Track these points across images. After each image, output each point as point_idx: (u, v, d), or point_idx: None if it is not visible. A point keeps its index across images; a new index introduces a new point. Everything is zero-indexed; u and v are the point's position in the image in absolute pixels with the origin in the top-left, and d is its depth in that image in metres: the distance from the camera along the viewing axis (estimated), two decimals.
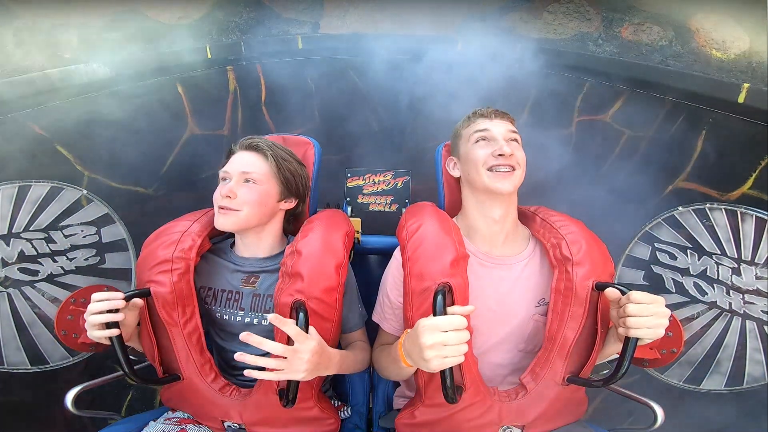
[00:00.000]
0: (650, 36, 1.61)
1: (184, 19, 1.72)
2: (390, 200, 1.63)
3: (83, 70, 1.52)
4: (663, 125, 1.64)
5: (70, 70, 1.50)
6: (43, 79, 1.46)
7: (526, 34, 1.78)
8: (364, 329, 1.11)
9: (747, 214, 1.50)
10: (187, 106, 1.75)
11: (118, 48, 1.62)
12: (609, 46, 1.71)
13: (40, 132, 1.48)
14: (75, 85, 1.51)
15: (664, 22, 1.67)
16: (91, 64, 1.53)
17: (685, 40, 1.63)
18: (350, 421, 1.15)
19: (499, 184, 0.96)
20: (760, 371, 1.52)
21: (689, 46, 1.62)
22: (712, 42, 1.58)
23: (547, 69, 1.73)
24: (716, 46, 1.58)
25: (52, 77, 1.48)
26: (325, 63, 1.81)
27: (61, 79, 1.49)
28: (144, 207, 1.73)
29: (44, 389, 1.54)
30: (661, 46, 1.61)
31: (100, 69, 1.54)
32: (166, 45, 1.68)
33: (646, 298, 0.79)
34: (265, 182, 1.04)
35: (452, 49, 1.76)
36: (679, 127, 1.60)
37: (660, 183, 1.66)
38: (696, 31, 1.61)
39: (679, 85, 1.57)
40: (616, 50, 1.70)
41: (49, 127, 1.50)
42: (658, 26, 1.64)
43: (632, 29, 1.64)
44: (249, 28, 1.80)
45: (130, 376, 0.88)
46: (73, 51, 1.57)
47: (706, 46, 1.57)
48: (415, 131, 1.89)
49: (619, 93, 1.69)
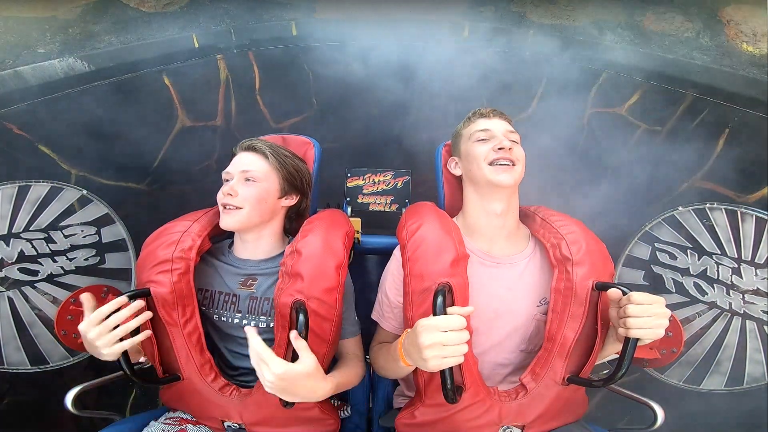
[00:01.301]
0: (673, 26, 1.52)
1: (169, 6, 1.64)
2: (390, 200, 1.63)
3: (58, 66, 1.45)
4: (682, 121, 1.57)
5: (44, 66, 1.44)
6: (15, 78, 1.40)
7: (537, 21, 1.69)
8: (358, 339, 1.09)
9: (747, 214, 1.50)
10: (176, 97, 1.68)
11: (96, 41, 1.55)
12: (629, 36, 1.61)
13: (19, 132, 1.43)
14: (51, 81, 1.45)
15: (691, 13, 1.58)
16: (67, 59, 1.46)
17: (714, 32, 1.54)
18: (350, 420, 1.15)
19: (501, 176, 0.97)
20: (760, 371, 1.52)
21: (718, 39, 1.53)
22: (742, 35, 1.50)
23: (560, 58, 1.65)
24: (746, 39, 1.50)
25: (24, 75, 1.41)
26: (322, 50, 1.73)
27: (35, 76, 1.43)
28: (137, 202, 1.70)
29: (51, 388, 1.54)
30: (687, 38, 1.52)
31: (76, 64, 1.47)
32: (150, 35, 1.60)
33: (647, 299, 0.79)
34: (264, 180, 1.06)
35: (458, 35, 1.69)
36: (700, 124, 1.53)
37: (674, 180, 1.61)
38: (726, 23, 1.52)
39: (703, 80, 1.49)
40: (637, 40, 1.60)
41: (28, 127, 1.45)
42: (683, 16, 1.54)
43: (654, 18, 1.55)
44: (239, 14, 1.71)
45: (131, 376, 0.89)
46: (47, 45, 1.49)
47: (736, 40, 1.49)
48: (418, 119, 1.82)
49: (638, 85, 1.61)
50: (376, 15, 1.72)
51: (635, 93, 1.63)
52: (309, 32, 1.71)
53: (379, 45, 1.68)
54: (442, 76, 1.71)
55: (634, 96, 1.63)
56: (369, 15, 1.72)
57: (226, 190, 1.04)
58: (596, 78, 1.66)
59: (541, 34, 1.65)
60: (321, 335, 0.92)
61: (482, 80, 1.66)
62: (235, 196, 1.02)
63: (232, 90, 1.77)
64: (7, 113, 1.41)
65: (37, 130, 1.47)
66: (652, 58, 1.58)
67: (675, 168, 1.61)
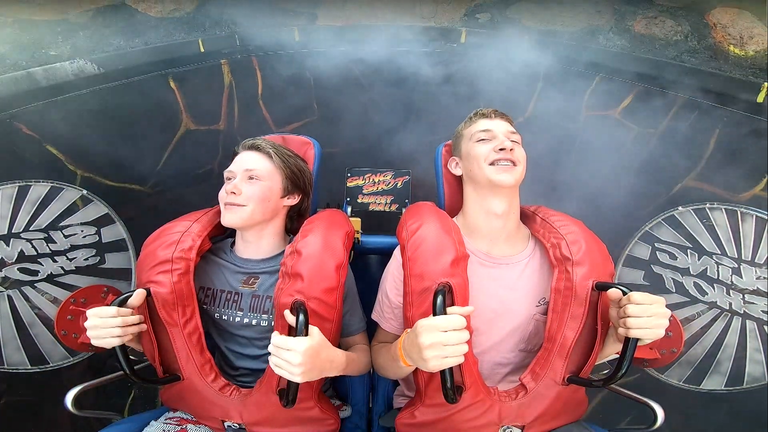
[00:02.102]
0: (663, 30, 1.55)
1: (175, 12, 1.67)
2: (390, 200, 1.63)
3: (69, 68, 1.47)
4: (674, 123, 1.60)
5: (56, 68, 1.46)
6: (27, 79, 1.42)
7: (533, 26, 1.72)
8: (365, 333, 1.11)
9: (747, 214, 1.50)
10: (181, 101, 1.71)
11: (106, 44, 1.57)
12: (620, 40, 1.65)
13: (28, 132, 1.45)
14: (61, 83, 1.47)
15: (679, 16, 1.61)
16: (78, 61, 1.48)
17: (702, 35, 1.57)
18: (350, 420, 1.15)
19: (501, 176, 0.97)
20: (760, 371, 1.52)
21: (706, 42, 1.55)
22: (729, 38, 1.52)
23: (555, 62, 1.68)
24: (734, 42, 1.52)
25: (36, 76, 1.43)
26: (324, 56, 1.75)
27: (47, 77, 1.45)
28: (141, 204, 1.71)
29: (50, 388, 1.54)
30: (676, 41, 1.55)
31: (87, 66, 1.49)
32: (158, 39, 1.64)
33: (647, 299, 0.79)
34: (267, 179, 1.06)
35: (456, 41, 1.72)
36: (691, 125, 1.55)
37: (668, 181, 1.63)
38: (713, 26, 1.55)
39: (693, 82, 1.52)
40: (628, 44, 1.64)
41: (37, 127, 1.46)
42: (672, 20, 1.57)
43: (645, 23, 1.58)
44: (243, 20, 1.74)
45: (131, 376, 0.89)
46: (59, 48, 1.52)
47: (724, 42, 1.51)
48: (418, 122, 1.84)
49: (630, 88, 1.63)
50: (377, 21, 1.75)
51: (628, 96, 1.65)
52: (311, 38, 1.75)
53: (379, 50, 1.70)
54: (441, 80, 1.72)
55: (627, 99, 1.65)
56: (369, 21, 1.75)
57: (229, 188, 1.03)
58: (590, 82, 1.68)
59: (536, 40, 1.67)
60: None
61: (479, 84, 1.68)
62: (239, 195, 1.02)
63: (235, 94, 1.81)
64: (17, 113, 1.43)
65: (46, 131, 1.49)
66: (643, 61, 1.61)
67: (669, 169, 1.62)
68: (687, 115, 1.57)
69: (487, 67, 1.65)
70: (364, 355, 1.04)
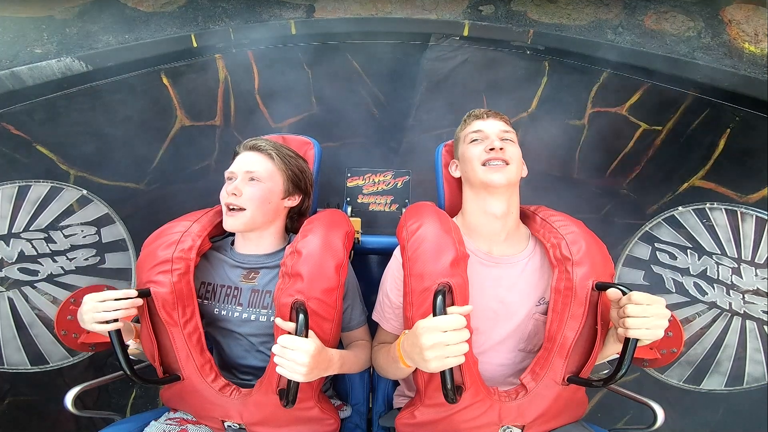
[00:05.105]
0: (674, 25, 1.52)
1: (167, 6, 1.63)
2: (390, 200, 1.63)
3: (56, 66, 1.44)
4: (682, 121, 1.57)
5: (41, 66, 1.43)
6: (12, 78, 1.40)
7: (538, 19, 1.69)
8: (366, 327, 1.11)
9: (747, 214, 1.50)
10: (175, 97, 1.68)
11: (94, 41, 1.54)
12: (629, 35, 1.61)
13: (16, 132, 1.43)
14: (48, 82, 1.45)
15: (692, 12, 1.58)
16: (65, 59, 1.45)
17: (716, 32, 1.54)
18: (350, 420, 1.15)
19: (493, 176, 0.97)
20: (760, 371, 1.52)
21: (720, 39, 1.52)
22: (743, 35, 1.50)
23: (560, 57, 1.65)
24: (748, 39, 1.50)
25: (21, 75, 1.41)
26: (321, 49, 1.72)
27: (32, 77, 1.42)
28: (136, 202, 1.69)
29: (51, 388, 1.54)
30: (688, 38, 1.52)
31: (74, 64, 1.46)
32: (149, 35, 1.60)
33: (647, 299, 0.79)
34: (268, 180, 1.06)
35: (458, 34, 1.69)
36: (700, 123, 1.53)
37: (674, 180, 1.61)
38: (728, 22, 1.52)
39: (705, 80, 1.49)
40: (638, 39, 1.60)
41: (25, 127, 1.44)
42: (685, 15, 1.54)
43: (655, 17, 1.55)
44: (238, 13, 1.71)
45: (130, 375, 0.89)
46: (44, 46, 1.48)
47: (738, 39, 1.48)
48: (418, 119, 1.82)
49: (638, 85, 1.61)
50: (376, 14, 1.71)
51: (636, 92, 1.63)
52: (308, 32, 1.70)
53: (378, 44, 1.68)
54: (442, 75, 1.70)
55: (635, 95, 1.63)
56: (368, 14, 1.71)
57: (230, 189, 1.03)
58: (597, 77, 1.66)
59: (541, 33, 1.64)
60: (321, 335, 0.92)
61: (482, 79, 1.66)
62: (240, 196, 1.02)
63: (231, 89, 1.77)
64: (3, 113, 1.41)
65: (35, 131, 1.47)
66: (653, 57, 1.58)
67: (676, 168, 1.61)
68: (696, 114, 1.54)
69: (491, 61, 1.64)
70: (363, 351, 1.04)
